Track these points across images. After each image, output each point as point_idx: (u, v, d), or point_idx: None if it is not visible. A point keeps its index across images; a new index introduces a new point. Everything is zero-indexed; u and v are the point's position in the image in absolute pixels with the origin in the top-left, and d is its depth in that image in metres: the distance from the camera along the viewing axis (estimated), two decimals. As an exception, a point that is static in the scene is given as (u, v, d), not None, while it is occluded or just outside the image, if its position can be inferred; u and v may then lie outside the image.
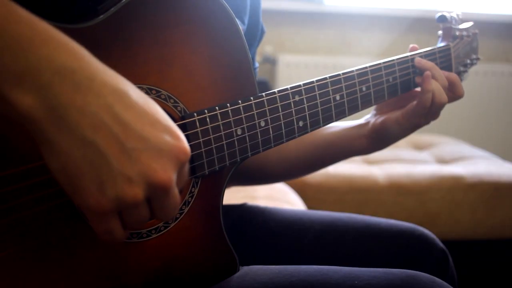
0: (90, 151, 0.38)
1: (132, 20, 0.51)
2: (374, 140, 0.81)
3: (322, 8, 2.37)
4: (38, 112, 0.37)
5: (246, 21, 0.77)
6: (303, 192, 1.61)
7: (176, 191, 0.43)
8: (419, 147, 2.12)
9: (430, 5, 2.49)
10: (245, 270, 0.63)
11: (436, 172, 1.76)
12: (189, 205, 0.58)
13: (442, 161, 1.94)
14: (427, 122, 0.79)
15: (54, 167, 0.39)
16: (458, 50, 0.87)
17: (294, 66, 2.35)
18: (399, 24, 2.48)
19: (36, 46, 0.37)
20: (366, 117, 0.84)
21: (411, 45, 0.82)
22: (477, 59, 0.92)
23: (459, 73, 0.88)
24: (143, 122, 0.40)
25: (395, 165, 1.84)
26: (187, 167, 0.44)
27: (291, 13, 2.36)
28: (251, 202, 0.93)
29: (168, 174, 0.41)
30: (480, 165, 1.84)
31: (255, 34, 0.83)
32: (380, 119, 0.80)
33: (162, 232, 0.56)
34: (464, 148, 2.06)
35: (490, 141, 2.54)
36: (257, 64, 0.83)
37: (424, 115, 0.77)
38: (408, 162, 1.88)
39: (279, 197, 1.34)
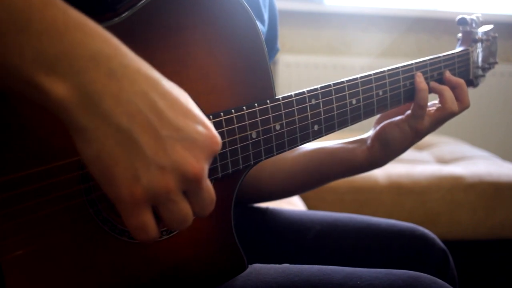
0: (125, 139, 0.38)
1: (151, 22, 0.51)
2: (375, 150, 0.78)
3: (322, 8, 2.37)
4: (72, 99, 0.36)
5: (266, 18, 0.77)
6: (303, 192, 1.61)
7: (209, 183, 0.42)
8: (419, 147, 2.12)
9: (430, 5, 2.49)
10: (249, 269, 0.63)
11: (436, 172, 1.76)
12: None
13: (442, 161, 1.94)
14: (430, 130, 0.76)
15: (87, 155, 0.38)
16: (477, 54, 0.86)
17: (294, 66, 2.35)
18: (399, 24, 2.48)
19: (70, 31, 0.37)
20: (367, 133, 0.81)
21: None
22: (495, 63, 0.90)
23: (477, 77, 0.87)
24: (176, 111, 0.39)
25: (395, 165, 1.83)
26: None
27: (291, 13, 2.36)
28: (252, 202, 0.93)
29: (200, 164, 0.40)
30: (480, 165, 1.84)
31: (272, 49, 0.83)
32: (381, 125, 0.78)
33: (173, 233, 0.56)
34: (464, 148, 2.06)
35: (490, 141, 2.54)
36: None
37: (421, 116, 0.74)
38: (408, 162, 1.88)
39: (279, 197, 1.33)
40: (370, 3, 2.44)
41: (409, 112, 0.76)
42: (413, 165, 1.83)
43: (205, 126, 0.41)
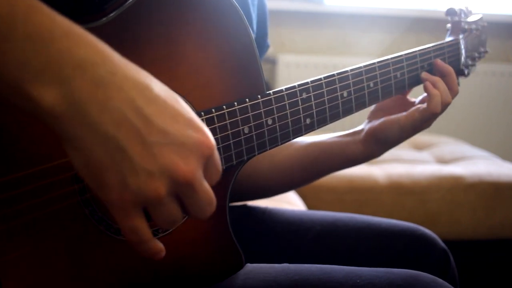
0: (112, 147, 0.38)
1: (140, 19, 0.51)
2: (370, 144, 0.79)
3: (322, 8, 2.36)
4: (59, 108, 0.37)
5: (254, 28, 0.77)
6: (303, 192, 1.61)
7: (205, 185, 0.42)
8: (419, 147, 2.12)
9: (430, 5, 2.49)
10: (249, 268, 0.63)
11: (436, 172, 1.76)
12: None
13: (442, 161, 1.94)
14: (428, 126, 0.78)
15: (77, 163, 0.39)
16: (467, 43, 0.86)
17: (294, 66, 2.35)
18: (399, 24, 2.48)
19: (56, 38, 0.37)
20: (360, 126, 0.82)
21: None
22: (485, 52, 0.90)
23: (467, 67, 0.87)
24: (165, 115, 0.39)
25: (395, 165, 1.84)
26: (216, 160, 0.43)
27: (291, 13, 2.36)
28: (252, 202, 0.93)
29: (190, 167, 0.40)
30: (480, 165, 1.84)
31: (262, 45, 0.83)
32: (378, 121, 0.78)
33: (169, 231, 0.56)
34: (464, 148, 2.06)
35: (490, 141, 2.54)
36: None
37: (430, 120, 0.76)
38: (408, 162, 1.88)
39: (279, 197, 1.33)
40: (370, 3, 2.44)
41: (413, 111, 0.76)
42: (413, 165, 1.83)
43: (196, 128, 0.41)
